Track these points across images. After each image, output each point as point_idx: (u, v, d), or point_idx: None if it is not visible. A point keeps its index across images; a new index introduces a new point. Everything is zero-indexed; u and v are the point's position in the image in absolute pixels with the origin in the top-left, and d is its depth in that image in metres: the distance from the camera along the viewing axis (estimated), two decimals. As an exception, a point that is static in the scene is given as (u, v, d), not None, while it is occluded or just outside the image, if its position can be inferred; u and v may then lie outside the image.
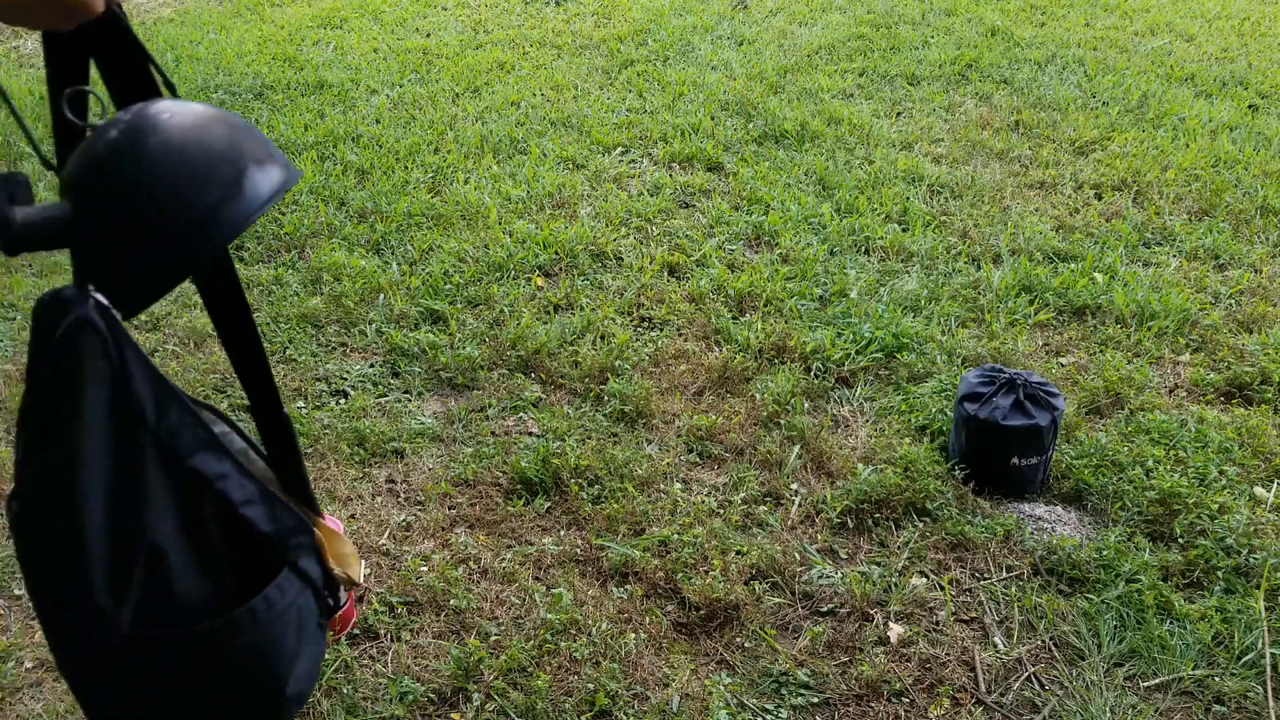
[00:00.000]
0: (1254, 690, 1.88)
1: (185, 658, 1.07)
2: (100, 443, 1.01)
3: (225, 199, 1.01)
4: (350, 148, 4.20)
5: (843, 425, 2.62)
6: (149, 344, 2.93)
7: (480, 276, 3.26)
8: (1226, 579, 2.10)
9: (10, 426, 2.59)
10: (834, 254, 3.38)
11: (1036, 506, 2.35)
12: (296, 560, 1.16)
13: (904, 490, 2.31)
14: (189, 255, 1.00)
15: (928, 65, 5.04)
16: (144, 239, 0.99)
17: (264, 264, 3.37)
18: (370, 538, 2.24)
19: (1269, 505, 2.31)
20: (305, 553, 1.17)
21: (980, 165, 4.01)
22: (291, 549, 1.16)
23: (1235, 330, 2.97)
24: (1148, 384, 2.71)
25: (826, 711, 1.87)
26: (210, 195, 1.00)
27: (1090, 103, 4.57)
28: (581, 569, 2.17)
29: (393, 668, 1.94)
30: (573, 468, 2.41)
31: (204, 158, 1.01)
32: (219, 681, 1.12)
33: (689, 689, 1.89)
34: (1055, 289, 3.13)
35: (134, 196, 0.99)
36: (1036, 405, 2.32)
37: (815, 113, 4.47)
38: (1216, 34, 5.53)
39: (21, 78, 5.02)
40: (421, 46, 5.51)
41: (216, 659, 1.09)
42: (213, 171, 1.01)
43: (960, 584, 2.14)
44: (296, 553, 1.16)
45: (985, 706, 1.88)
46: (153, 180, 0.99)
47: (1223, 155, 3.99)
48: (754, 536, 2.24)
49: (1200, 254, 3.37)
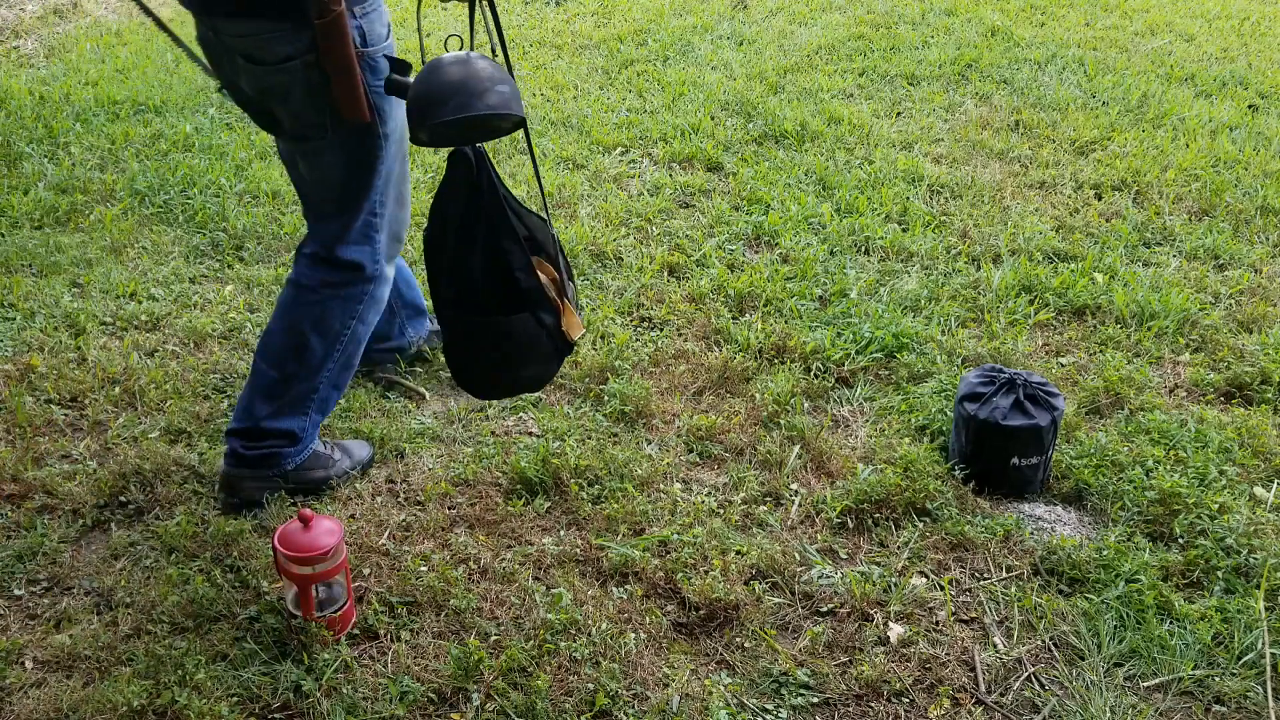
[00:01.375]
0: (1254, 690, 1.88)
1: (478, 333, 2.02)
2: (462, 216, 1.96)
3: (456, 103, 1.80)
4: (350, 148, 4.20)
5: (843, 425, 2.62)
6: (149, 344, 2.93)
7: (480, 276, 3.26)
8: (1226, 579, 2.10)
9: (11, 426, 2.59)
10: (834, 254, 3.38)
11: (1036, 506, 2.35)
12: (535, 311, 1.99)
13: (904, 490, 2.32)
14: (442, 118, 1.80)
15: (928, 65, 5.04)
16: (432, 107, 1.82)
17: (264, 264, 3.37)
18: (370, 538, 2.24)
19: (1269, 505, 2.31)
20: (544, 309, 2.00)
21: (980, 165, 4.01)
22: (533, 304, 1.98)
23: (1235, 330, 2.97)
24: (1148, 384, 2.71)
25: (826, 711, 1.87)
26: (451, 99, 1.80)
27: (1090, 103, 4.57)
28: (581, 569, 2.17)
29: (393, 668, 1.94)
30: (573, 468, 2.41)
31: (454, 82, 1.81)
32: (490, 351, 2.03)
33: (689, 689, 1.89)
34: (1055, 289, 3.13)
35: (425, 86, 1.83)
36: (1036, 405, 2.32)
37: (815, 113, 4.47)
38: (1216, 34, 5.53)
39: (21, 77, 5.02)
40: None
41: (491, 338, 2.01)
42: (453, 90, 1.81)
43: (960, 584, 2.14)
44: (536, 307, 1.99)
45: (985, 706, 1.88)
46: (433, 84, 1.83)
47: (1223, 155, 3.99)
48: (754, 536, 2.24)
49: (1200, 254, 3.37)
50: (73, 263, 3.34)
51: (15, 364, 2.82)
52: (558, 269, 2.06)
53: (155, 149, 4.18)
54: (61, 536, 2.25)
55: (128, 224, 3.58)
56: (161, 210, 3.69)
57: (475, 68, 1.82)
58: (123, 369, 2.79)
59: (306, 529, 1.91)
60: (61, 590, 2.13)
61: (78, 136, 4.27)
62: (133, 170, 3.93)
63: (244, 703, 1.86)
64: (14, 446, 2.52)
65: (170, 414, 2.62)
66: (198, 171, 3.90)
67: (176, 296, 3.17)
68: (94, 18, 6.14)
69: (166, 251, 3.44)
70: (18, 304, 3.09)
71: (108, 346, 2.92)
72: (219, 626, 2.01)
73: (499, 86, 1.81)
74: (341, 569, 1.95)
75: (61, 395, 2.71)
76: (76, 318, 3.02)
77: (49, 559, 2.20)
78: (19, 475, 2.40)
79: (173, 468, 2.44)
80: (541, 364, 2.10)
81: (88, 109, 4.55)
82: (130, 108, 4.56)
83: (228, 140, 4.25)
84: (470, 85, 1.79)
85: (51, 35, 5.77)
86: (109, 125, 4.39)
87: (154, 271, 3.31)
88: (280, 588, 2.05)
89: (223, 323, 3.03)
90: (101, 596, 2.11)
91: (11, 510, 2.33)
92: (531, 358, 2.06)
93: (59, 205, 3.70)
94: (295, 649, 1.95)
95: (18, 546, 2.21)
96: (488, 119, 1.84)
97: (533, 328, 2.00)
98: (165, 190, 3.77)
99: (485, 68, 1.83)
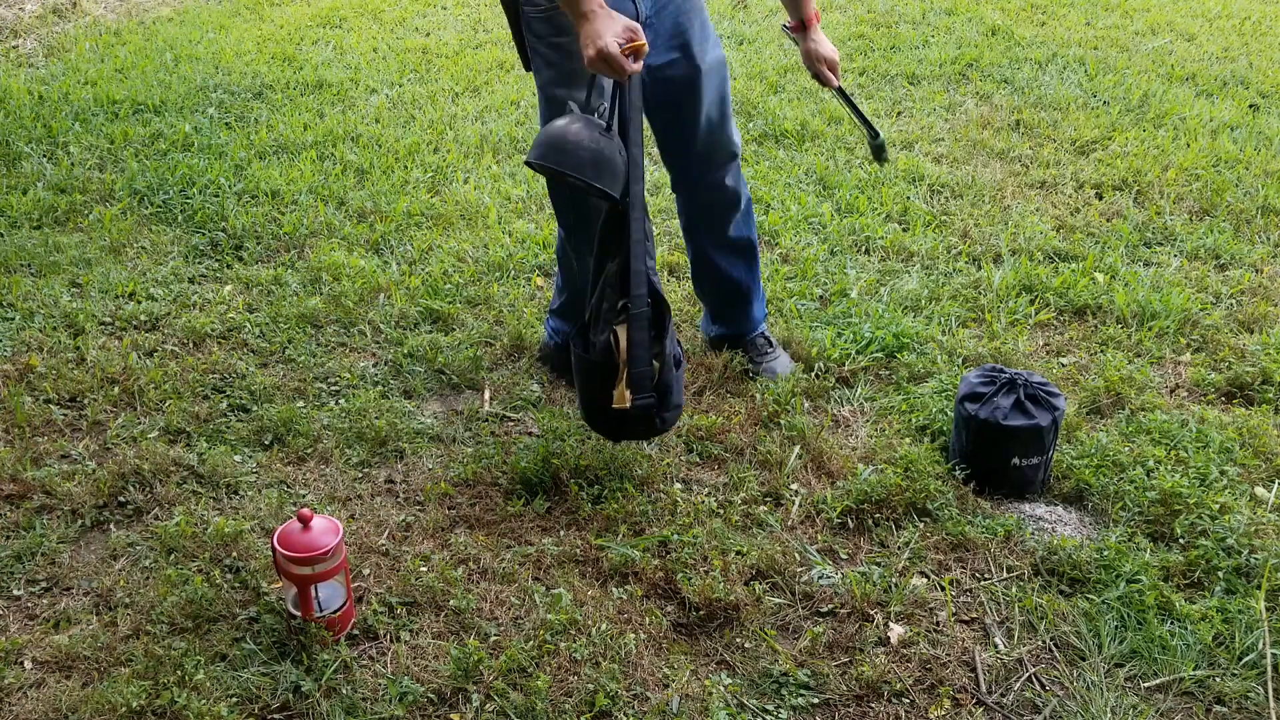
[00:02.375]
0: (1255, 691, 1.88)
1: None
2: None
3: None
4: (350, 147, 4.20)
5: (843, 425, 2.61)
6: (148, 344, 2.93)
7: (480, 276, 3.25)
8: (1227, 579, 2.10)
9: (10, 426, 2.59)
10: (834, 254, 3.38)
11: (1037, 507, 2.35)
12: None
13: (904, 490, 2.31)
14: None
15: (928, 65, 5.04)
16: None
17: (263, 264, 3.37)
18: (370, 538, 2.24)
19: (1270, 505, 2.31)
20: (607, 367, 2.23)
21: (981, 165, 4.01)
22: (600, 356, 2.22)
23: (1236, 330, 2.97)
24: (1148, 384, 2.71)
25: (826, 712, 1.87)
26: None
27: (1091, 102, 4.57)
28: (581, 569, 2.16)
29: (392, 668, 1.93)
30: (573, 468, 2.40)
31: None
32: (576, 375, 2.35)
33: (689, 689, 1.89)
34: (1056, 289, 3.13)
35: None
36: (1037, 405, 2.32)
37: (815, 112, 4.46)
38: (1217, 33, 5.53)
39: (20, 77, 5.01)
40: (421, 46, 5.51)
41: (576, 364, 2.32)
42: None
43: (961, 584, 2.14)
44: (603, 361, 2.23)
45: (986, 707, 1.87)
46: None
47: (1223, 155, 3.99)
48: (754, 537, 2.24)
49: (1201, 254, 3.37)
50: (72, 262, 3.34)
51: (14, 364, 2.82)
52: (637, 342, 2.16)
53: (154, 149, 4.17)
54: (60, 537, 2.25)
55: (127, 224, 3.58)
56: (160, 210, 3.68)
57: (581, 132, 2.10)
58: (122, 369, 2.79)
59: (306, 529, 1.91)
60: (60, 590, 2.13)
61: (77, 136, 4.27)
62: (132, 170, 3.92)
63: (243, 703, 1.86)
64: (13, 446, 2.51)
65: (169, 414, 2.62)
66: (197, 171, 3.90)
67: (175, 296, 3.17)
68: (93, 17, 6.13)
69: (165, 251, 3.44)
70: (17, 304, 3.09)
71: (107, 346, 2.91)
72: (218, 627, 2.00)
73: (584, 152, 2.08)
74: (341, 569, 1.95)
75: (60, 395, 2.71)
76: (75, 317, 3.01)
77: (48, 559, 2.19)
78: (18, 475, 2.40)
79: (172, 468, 2.43)
80: (596, 411, 2.29)
81: (87, 108, 4.55)
82: (129, 107, 4.56)
83: (227, 140, 4.25)
84: (568, 143, 2.09)
85: (50, 35, 5.76)
86: (108, 125, 4.39)
87: (153, 271, 3.30)
88: (280, 588, 2.05)
89: (222, 323, 3.03)
90: (100, 597, 2.10)
91: (10, 510, 2.32)
92: (587, 398, 2.30)
93: (58, 205, 3.70)
94: (295, 649, 1.94)
95: (17, 547, 2.21)
96: (571, 179, 2.10)
97: (594, 377, 2.23)
98: (164, 190, 3.77)
99: (584, 134, 2.09)
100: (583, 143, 2.07)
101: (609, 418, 2.24)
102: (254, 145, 4.19)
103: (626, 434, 2.32)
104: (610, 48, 2.01)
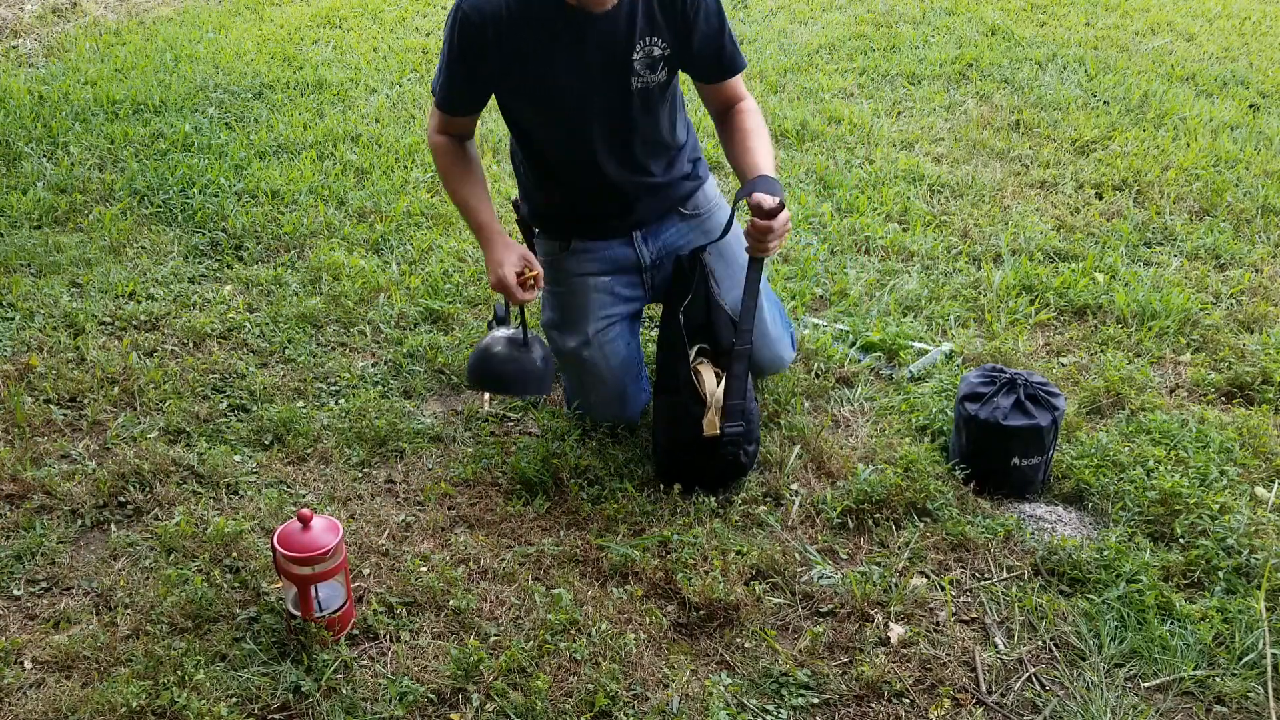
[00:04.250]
0: (1255, 691, 1.88)
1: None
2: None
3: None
4: (350, 147, 4.20)
5: (843, 425, 2.61)
6: (148, 344, 2.93)
7: (480, 276, 3.25)
8: (1227, 579, 2.09)
9: (10, 426, 2.59)
10: (834, 254, 3.38)
11: (1037, 507, 2.35)
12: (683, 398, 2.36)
13: (904, 490, 2.31)
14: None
15: (928, 64, 5.04)
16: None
17: (263, 264, 3.37)
18: (370, 538, 2.24)
19: (1270, 505, 2.30)
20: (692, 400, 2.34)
21: (981, 165, 4.01)
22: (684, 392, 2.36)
23: (1236, 330, 2.97)
24: (1149, 384, 2.71)
25: (826, 712, 1.87)
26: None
27: (1091, 102, 4.57)
28: (581, 569, 2.16)
29: (392, 668, 1.93)
30: (573, 468, 2.40)
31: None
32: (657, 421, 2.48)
33: (689, 689, 1.89)
34: (1056, 289, 3.13)
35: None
36: (1037, 405, 2.32)
37: (815, 112, 4.46)
38: (1217, 33, 5.53)
39: (20, 77, 5.01)
40: (421, 46, 5.51)
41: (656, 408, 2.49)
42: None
43: (961, 584, 2.14)
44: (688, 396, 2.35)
45: (986, 707, 1.87)
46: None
47: (1223, 155, 3.99)
48: (754, 536, 2.24)
49: (1201, 254, 3.37)
50: (71, 262, 3.34)
51: (14, 364, 2.82)
52: (737, 374, 2.29)
53: (154, 148, 4.18)
54: (60, 537, 2.25)
55: (126, 224, 3.58)
56: (160, 210, 3.68)
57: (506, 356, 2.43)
58: (121, 369, 2.79)
59: (306, 529, 1.91)
60: (60, 590, 2.13)
61: (76, 136, 4.27)
62: (132, 170, 3.92)
63: (243, 703, 1.86)
64: (13, 446, 2.51)
65: (169, 414, 2.62)
66: (197, 171, 3.90)
67: (175, 296, 3.17)
68: (93, 17, 6.13)
69: (165, 251, 3.44)
70: (16, 304, 3.09)
71: (106, 346, 2.91)
72: (218, 627, 2.00)
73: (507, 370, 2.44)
74: (341, 569, 1.95)
75: (60, 395, 2.71)
76: (75, 317, 3.01)
77: (48, 559, 2.19)
78: (18, 475, 2.40)
79: (171, 468, 2.43)
80: (680, 449, 2.38)
81: (87, 108, 4.55)
82: (129, 107, 4.56)
83: (227, 140, 4.25)
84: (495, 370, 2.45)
85: (50, 35, 5.76)
86: (108, 125, 4.39)
87: (153, 271, 3.30)
88: (280, 588, 2.05)
89: (222, 323, 3.03)
90: (100, 597, 2.10)
91: (10, 510, 2.32)
92: (671, 435, 2.39)
93: (58, 205, 3.70)
94: (295, 649, 1.94)
95: (17, 546, 2.21)
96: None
97: (678, 411, 2.33)
98: (164, 190, 3.77)
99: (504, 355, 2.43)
100: (505, 363, 2.40)
101: (694, 452, 2.31)
102: (254, 145, 4.19)
103: (710, 476, 2.35)
104: (508, 277, 2.25)
